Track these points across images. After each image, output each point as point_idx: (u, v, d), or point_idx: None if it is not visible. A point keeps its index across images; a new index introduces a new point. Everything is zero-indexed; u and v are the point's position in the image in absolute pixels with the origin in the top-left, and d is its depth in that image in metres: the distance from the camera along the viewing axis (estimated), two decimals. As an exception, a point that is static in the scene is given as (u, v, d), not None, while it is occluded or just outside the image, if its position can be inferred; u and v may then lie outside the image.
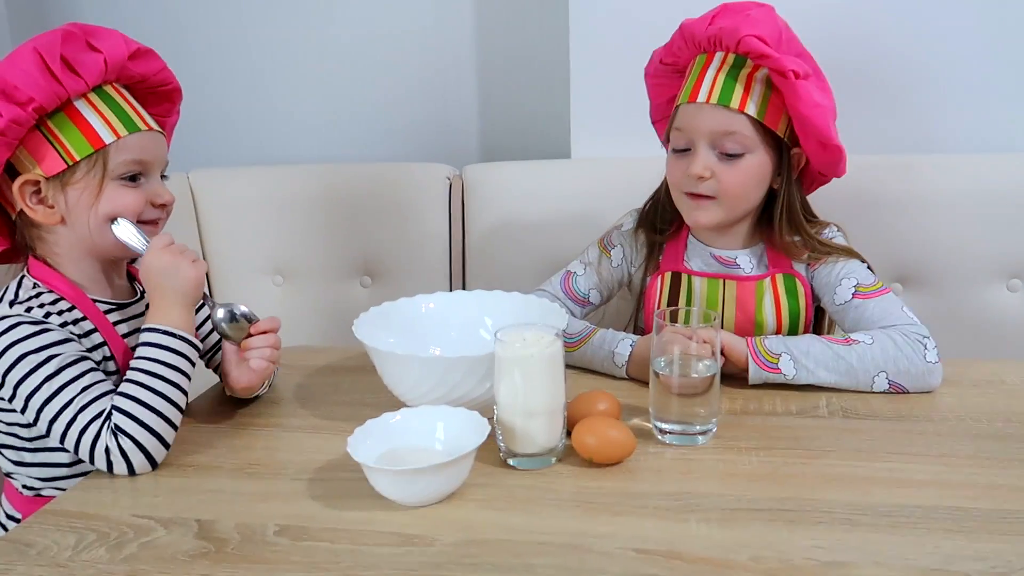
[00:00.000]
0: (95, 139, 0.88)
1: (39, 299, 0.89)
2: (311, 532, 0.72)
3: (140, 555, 0.70)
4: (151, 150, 0.93)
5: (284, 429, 0.94)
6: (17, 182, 0.87)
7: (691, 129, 1.01)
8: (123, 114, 0.90)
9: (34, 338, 0.84)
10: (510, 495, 0.78)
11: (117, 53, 0.89)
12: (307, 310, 1.59)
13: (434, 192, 1.54)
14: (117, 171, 0.90)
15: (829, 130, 0.98)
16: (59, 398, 0.83)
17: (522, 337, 0.82)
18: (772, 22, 0.98)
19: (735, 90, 0.98)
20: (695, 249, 1.10)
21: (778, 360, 0.96)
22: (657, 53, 1.07)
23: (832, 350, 0.96)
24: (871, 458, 0.82)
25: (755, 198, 1.04)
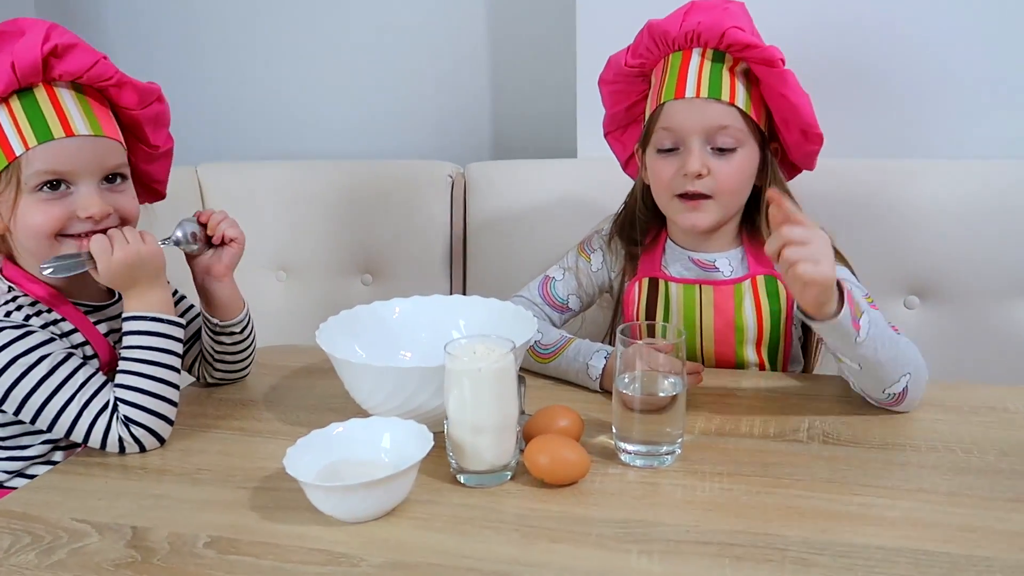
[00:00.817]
0: (7, 150, 0.84)
1: (16, 302, 0.89)
2: (240, 545, 0.71)
3: (67, 562, 0.69)
4: (74, 158, 0.86)
5: (244, 433, 0.93)
6: None
7: (681, 126, 0.97)
8: (40, 120, 0.84)
9: (19, 342, 0.85)
10: (452, 514, 0.75)
11: (28, 55, 0.83)
12: (309, 306, 1.58)
13: (436, 189, 1.52)
14: (29, 183, 0.85)
15: (814, 117, 0.95)
16: (59, 396, 0.84)
17: (472, 350, 0.80)
18: (746, 15, 0.96)
19: (723, 83, 0.95)
20: (673, 254, 1.06)
21: (862, 316, 0.83)
22: (617, 57, 1.03)
23: (889, 332, 0.87)
24: (840, 490, 0.77)
25: (746, 194, 1.00)
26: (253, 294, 1.60)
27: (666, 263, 1.06)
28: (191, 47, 1.78)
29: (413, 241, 1.53)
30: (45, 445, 0.92)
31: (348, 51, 1.71)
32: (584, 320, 1.17)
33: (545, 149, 1.63)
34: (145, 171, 0.99)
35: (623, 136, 1.10)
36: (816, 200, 1.21)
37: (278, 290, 1.62)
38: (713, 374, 1.03)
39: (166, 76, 1.77)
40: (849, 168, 1.30)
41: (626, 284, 1.07)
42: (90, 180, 0.88)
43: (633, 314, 1.06)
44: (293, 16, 1.72)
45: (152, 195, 1.05)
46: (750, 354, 1.04)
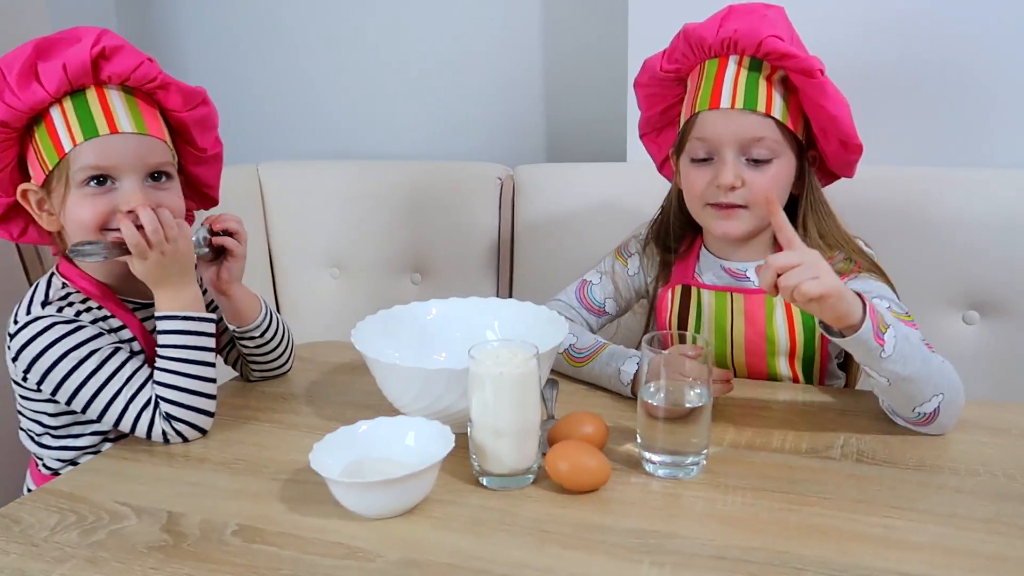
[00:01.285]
0: (59, 147, 0.88)
1: (68, 299, 0.93)
2: (265, 535, 0.74)
3: (105, 542, 0.73)
4: (116, 154, 0.89)
5: (282, 426, 0.96)
6: (18, 191, 0.92)
7: (716, 137, 0.95)
8: (88, 118, 0.88)
9: (71, 336, 0.89)
10: (469, 515, 0.76)
11: (78, 57, 0.87)
12: (359, 303, 1.62)
13: (485, 191, 1.54)
14: (76, 178, 0.89)
15: (853, 127, 0.93)
16: (107, 389, 0.89)
17: (496, 354, 0.80)
18: (785, 22, 0.93)
19: (759, 93, 0.93)
20: (707, 262, 1.05)
21: (887, 331, 0.80)
22: (652, 61, 1.02)
23: (922, 349, 0.84)
24: (868, 511, 0.75)
25: (782, 205, 0.97)
26: (306, 290, 1.67)
27: (699, 271, 1.05)
28: (259, 50, 1.84)
29: (461, 242, 1.55)
30: (95, 436, 0.97)
31: (405, 54, 1.74)
32: (619, 326, 1.16)
33: (596, 153, 1.63)
34: (195, 174, 1.03)
35: (658, 138, 1.09)
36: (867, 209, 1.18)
37: (331, 287, 1.66)
38: (748, 385, 1.02)
39: (234, 76, 1.86)
40: (904, 177, 1.25)
41: (659, 290, 1.07)
42: (134, 176, 0.91)
43: (665, 321, 1.05)
44: (353, 21, 1.76)
45: (206, 201, 1.09)
46: (783, 367, 1.02)
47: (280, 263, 1.68)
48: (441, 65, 1.72)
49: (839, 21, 1.27)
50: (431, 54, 1.72)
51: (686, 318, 1.03)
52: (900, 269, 1.02)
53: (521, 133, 1.71)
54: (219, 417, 0.97)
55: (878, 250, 1.04)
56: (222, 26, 1.86)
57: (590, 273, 1.13)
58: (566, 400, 1.00)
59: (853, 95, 0.96)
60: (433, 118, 1.76)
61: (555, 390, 1.01)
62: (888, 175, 1.25)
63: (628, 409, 0.97)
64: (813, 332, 0.99)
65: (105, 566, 0.70)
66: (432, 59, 1.73)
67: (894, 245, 1.20)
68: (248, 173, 1.66)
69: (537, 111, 1.69)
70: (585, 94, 1.64)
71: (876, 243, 1.06)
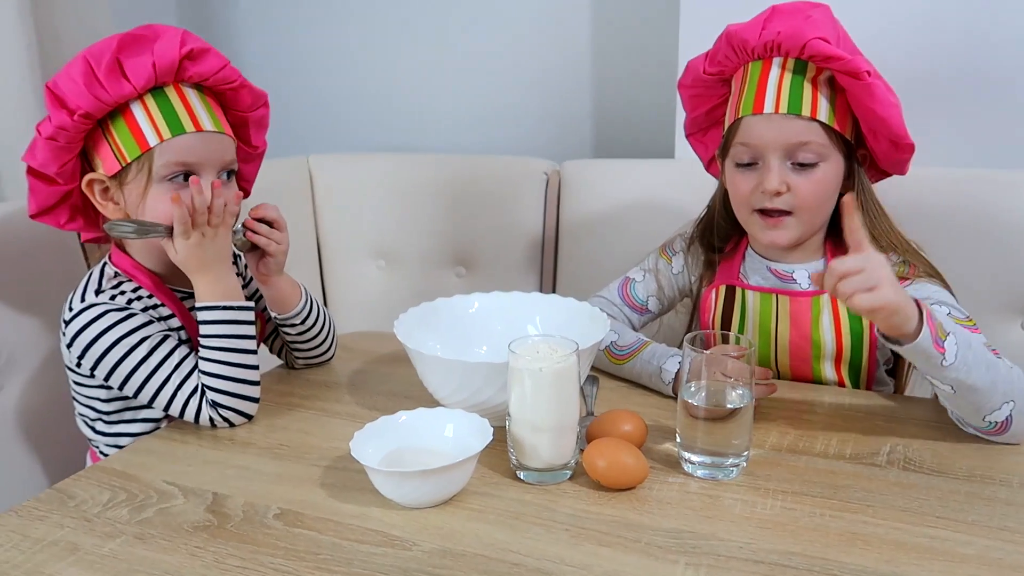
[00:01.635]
0: (142, 141, 0.91)
1: (120, 287, 0.96)
2: (305, 520, 0.75)
3: (153, 519, 0.76)
4: (199, 151, 0.93)
5: (325, 414, 0.98)
6: (84, 180, 0.94)
7: (760, 142, 0.94)
8: (173, 116, 0.91)
9: (123, 323, 0.92)
10: (506, 509, 0.77)
11: (167, 56, 0.90)
12: (405, 296, 1.62)
13: (532, 186, 1.54)
14: (160, 173, 0.92)
15: (903, 127, 0.90)
16: (156, 376, 0.92)
17: (536, 349, 0.81)
18: (831, 22, 0.90)
19: (804, 97, 0.91)
20: (753, 263, 1.03)
21: (947, 339, 0.79)
22: (695, 63, 1.00)
23: (986, 356, 0.81)
24: (913, 520, 0.73)
25: (830, 207, 0.96)
26: (353, 281, 1.69)
27: (745, 271, 1.03)
28: (312, 44, 1.87)
29: (507, 236, 1.55)
30: (146, 423, 0.99)
31: (456, 49, 1.75)
32: (661, 324, 1.15)
33: (643, 149, 1.62)
34: (240, 170, 1.06)
35: (704, 138, 1.08)
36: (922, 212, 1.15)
37: (377, 278, 1.68)
38: (794, 387, 1.00)
39: (287, 70, 1.89)
40: (960, 179, 1.21)
41: (703, 290, 1.05)
42: (211, 173, 0.94)
43: (709, 321, 1.04)
44: (405, 15, 1.77)
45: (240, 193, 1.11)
46: (828, 371, 1.00)
47: (328, 254, 1.71)
48: (490, 59, 1.73)
49: (893, 16, 1.23)
50: (481, 48, 1.73)
51: (730, 319, 1.02)
52: (956, 274, 1.00)
53: (568, 128, 1.71)
54: (264, 403, 0.99)
55: (933, 253, 1.01)
56: (277, 20, 1.89)
57: (633, 270, 1.12)
58: (606, 397, 1.00)
59: (907, 93, 0.94)
60: (481, 112, 1.77)
61: (595, 387, 1.00)
62: (944, 176, 1.21)
63: (668, 408, 0.96)
64: (861, 337, 0.96)
65: (152, 543, 0.72)
66: (481, 53, 1.73)
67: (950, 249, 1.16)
68: (299, 165, 1.69)
69: (585, 106, 1.68)
70: (634, 89, 1.63)
71: (931, 247, 1.03)
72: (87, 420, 1.01)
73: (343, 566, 0.68)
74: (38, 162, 0.91)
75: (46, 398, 1.14)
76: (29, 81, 1.33)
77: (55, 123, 0.89)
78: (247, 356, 0.94)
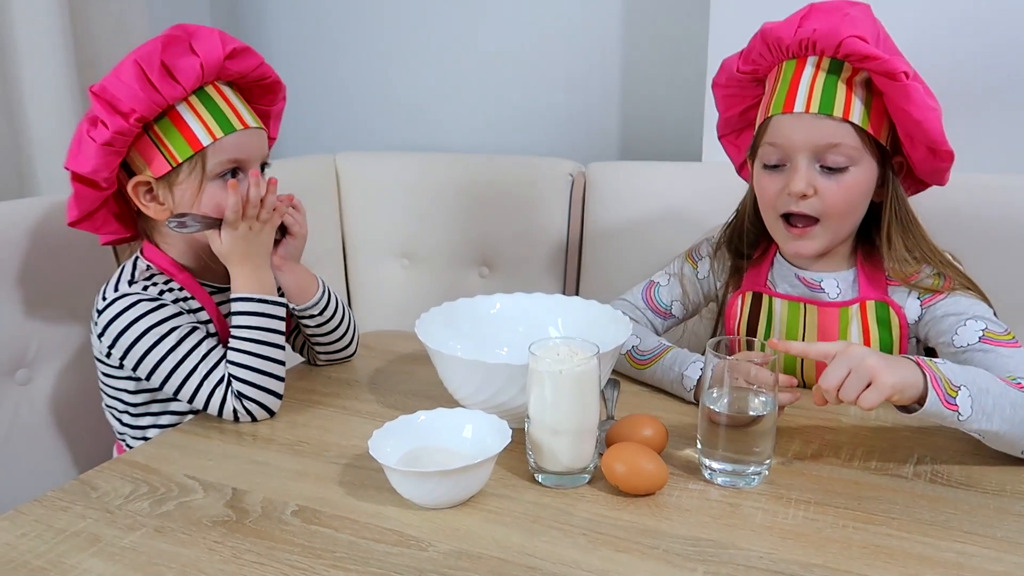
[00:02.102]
0: (194, 141, 0.93)
1: (152, 279, 0.98)
2: (322, 517, 0.75)
3: (173, 513, 0.77)
4: (247, 147, 0.96)
5: (345, 412, 0.98)
6: (131, 184, 0.95)
7: (788, 142, 0.91)
8: (221, 115, 0.94)
9: (153, 313, 0.93)
10: (523, 511, 0.76)
11: (213, 56, 0.92)
12: (427, 294, 1.64)
13: (557, 187, 1.53)
14: (214, 171, 0.94)
15: (942, 133, 0.87)
16: (183, 367, 0.93)
17: (556, 352, 0.80)
18: (871, 21, 0.88)
19: (836, 97, 0.89)
20: (781, 269, 1.01)
21: (957, 395, 0.78)
22: (729, 62, 0.99)
23: (1008, 395, 0.80)
24: (940, 534, 0.72)
25: (860, 215, 0.94)
26: (376, 279, 1.70)
27: (773, 278, 1.01)
28: (340, 43, 1.89)
29: (531, 237, 1.54)
30: (171, 416, 1.01)
31: (484, 49, 1.75)
32: (686, 330, 1.14)
33: (670, 152, 1.60)
34: None
35: (737, 140, 1.06)
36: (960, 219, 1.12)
37: (400, 277, 1.69)
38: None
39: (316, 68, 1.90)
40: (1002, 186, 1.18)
41: (729, 296, 1.04)
42: (254, 166, 0.98)
43: (734, 328, 1.02)
44: (433, 14, 1.78)
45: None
46: (855, 383, 0.98)
47: (352, 252, 1.72)
48: (518, 59, 1.73)
49: (936, 18, 1.20)
50: (509, 48, 1.73)
51: (755, 326, 1.00)
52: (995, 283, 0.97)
53: (595, 129, 1.70)
54: (286, 400, 0.99)
55: (970, 262, 0.99)
56: (306, 18, 1.91)
57: (658, 274, 1.11)
58: (627, 401, 0.99)
59: (949, 98, 0.91)
60: (508, 113, 1.77)
61: (616, 391, 1.00)
62: (985, 184, 1.18)
63: (689, 413, 0.95)
64: (889, 349, 0.94)
65: (172, 536, 0.73)
66: (510, 53, 1.73)
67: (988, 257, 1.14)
68: (326, 163, 1.70)
69: (612, 108, 1.67)
70: (662, 91, 1.62)
71: (968, 255, 1.00)
72: (114, 412, 1.02)
73: (359, 564, 0.68)
74: (89, 168, 0.91)
75: (75, 390, 1.16)
76: (65, 81, 1.35)
77: (113, 128, 0.89)
78: (276, 351, 0.95)
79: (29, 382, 1.12)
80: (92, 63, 1.43)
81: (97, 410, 1.05)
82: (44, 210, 1.13)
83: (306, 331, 1.09)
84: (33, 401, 1.13)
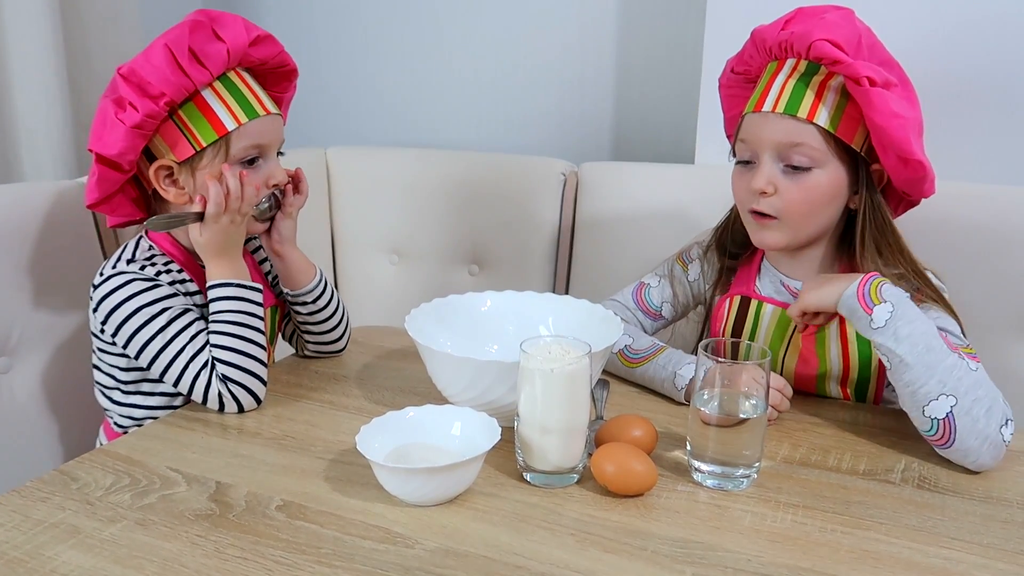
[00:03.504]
0: (219, 126, 0.93)
1: (152, 260, 0.98)
2: (307, 513, 0.74)
3: (156, 506, 0.75)
4: (268, 133, 0.97)
5: (332, 407, 0.97)
6: (153, 167, 0.95)
7: (755, 140, 0.93)
8: (244, 101, 0.95)
9: (146, 293, 0.94)
10: (511, 510, 0.76)
11: (239, 41, 0.93)
12: (416, 291, 1.63)
13: (549, 187, 1.52)
14: (237, 156, 0.95)
15: (909, 143, 0.86)
16: (170, 348, 0.93)
17: (548, 350, 0.80)
18: (849, 26, 0.88)
19: (804, 98, 0.89)
20: (767, 273, 1.01)
21: (879, 304, 0.83)
22: (730, 62, 0.99)
23: (936, 341, 0.82)
24: (927, 540, 0.72)
25: (824, 218, 0.93)
26: (365, 274, 1.69)
27: (760, 283, 1.01)
28: (334, 37, 1.87)
29: (522, 236, 1.54)
30: (162, 397, 1.00)
31: (479, 47, 1.74)
32: (674, 332, 1.14)
33: (663, 153, 1.60)
34: None
35: None
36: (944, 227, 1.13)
37: (390, 272, 1.67)
38: (809, 400, 0.98)
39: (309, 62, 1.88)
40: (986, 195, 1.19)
41: (717, 299, 1.04)
42: (273, 152, 0.99)
43: (720, 330, 1.02)
44: (427, 10, 1.77)
45: None
46: (833, 390, 0.98)
47: (342, 247, 1.70)
48: (512, 58, 1.72)
49: (924, 27, 1.21)
50: (504, 46, 1.72)
51: (741, 330, 1.00)
52: (976, 290, 0.97)
53: (588, 129, 1.69)
54: (272, 393, 0.98)
55: (953, 270, 0.99)
56: (299, 13, 1.89)
57: (649, 275, 1.11)
58: (616, 402, 0.99)
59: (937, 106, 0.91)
60: (501, 111, 1.76)
61: (606, 391, 0.99)
62: (970, 192, 1.19)
63: (678, 414, 0.95)
64: (868, 357, 0.95)
65: (153, 529, 0.72)
66: (504, 51, 1.72)
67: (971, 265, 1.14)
68: (316, 156, 1.69)
69: (606, 108, 1.67)
70: (656, 93, 1.61)
71: (951, 263, 1.00)
72: (104, 389, 1.02)
73: (344, 561, 0.68)
74: (116, 150, 0.91)
75: (57, 379, 1.14)
76: (53, 69, 1.33)
77: (144, 111, 0.89)
78: (256, 334, 0.95)
79: (10, 370, 1.11)
80: (82, 51, 1.41)
81: (79, 400, 1.04)
82: (26, 197, 1.11)
83: (297, 318, 1.08)
84: (13, 390, 1.11)
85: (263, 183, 0.98)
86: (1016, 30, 1.18)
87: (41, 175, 1.34)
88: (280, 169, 0.99)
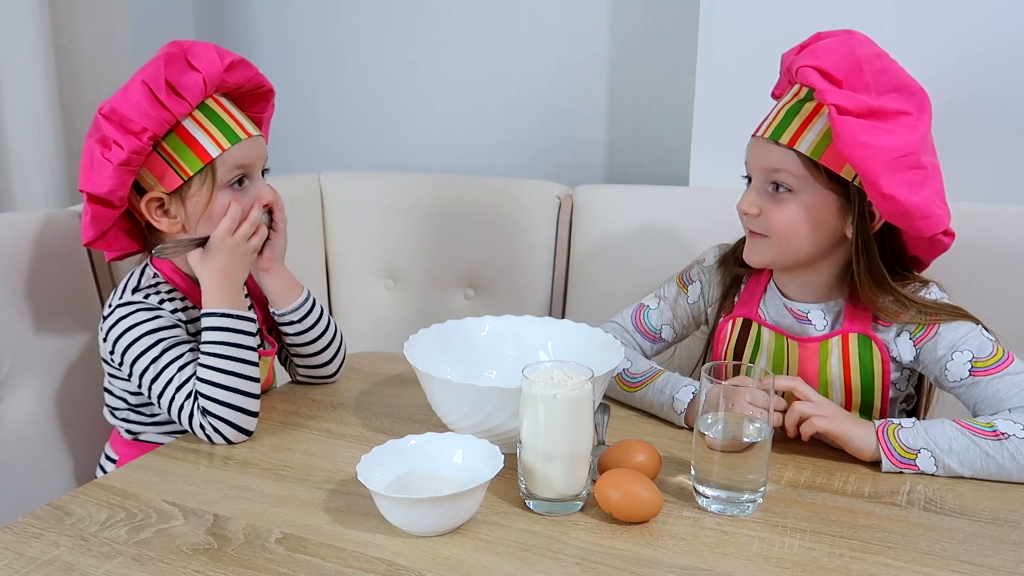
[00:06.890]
0: (203, 154, 0.94)
1: (156, 288, 0.99)
2: (308, 545, 0.73)
3: (152, 541, 0.74)
4: (251, 155, 0.98)
5: (329, 435, 0.96)
6: (144, 200, 0.96)
7: (749, 163, 0.96)
8: (225, 127, 0.96)
9: (147, 322, 0.95)
10: (515, 539, 0.74)
11: (214, 69, 0.94)
12: (412, 316, 1.62)
13: (544, 210, 1.52)
14: (224, 180, 0.96)
15: (875, 174, 0.83)
16: (162, 377, 0.93)
17: (550, 375, 0.79)
18: (847, 52, 0.87)
19: (790, 125, 0.90)
20: (772, 297, 1.01)
21: (916, 457, 0.85)
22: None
23: (979, 446, 0.84)
24: (936, 564, 0.71)
25: (810, 243, 0.93)
26: (360, 300, 1.68)
27: (764, 307, 1.01)
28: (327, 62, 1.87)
29: (517, 259, 1.53)
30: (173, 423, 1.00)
31: (472, 70, 1.75)
32: (676, 353, 1.14)
33: (657, 176, 1.61)
34: None
35: None
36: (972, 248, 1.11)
37: (384, 298, 1.66)
38: (810, 422, 0.98)
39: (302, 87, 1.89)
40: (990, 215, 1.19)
41: (720, 320, 1.03)
42: (258, 172, 1.00)
43: (722, 352, 1.02)
44: (418, 36, 1.77)
45: None
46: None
47: (336, 272, 1.69)
48: (506, 81, 1.72)
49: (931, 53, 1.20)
50: (497, 70, 1.73)
51: (742, 352, 1.00)
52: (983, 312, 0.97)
53: (582, 153, 1.70)
54: (268, 422, 0.97)
55: (959, 290, 0.99)
56: (291, 38, 1.90)
57: (648, 297, 1.11)
58: (617, 426, 0.98)
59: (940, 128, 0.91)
60: (495, 134, 1.76)
61: (607, 415, 0.98)
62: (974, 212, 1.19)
63: (681, 439, 0.94)
64: (871, 383, 0.94)
65: (151, 565, 0.70)
66: (497, 75, 1.73)
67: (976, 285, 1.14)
68: (310, 182, 1.68)
69: (600, 131, 1.67)
70: (650, 115, 1.62)
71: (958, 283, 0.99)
72: (115, 412, 1.03)
73: (347, 595, 0.66)
74: (106, 188, 0.92)
75: (50, 410, 1.12)
76: (45, 95, 1.32)
77: (129, 148, 0.90)
78: (244, 366, 0.94)
79: (1, 401, 1.09)
80: (74, 77, 1.41)
81: (73, 432, 1.03)
82: (18, 225, 1.10)
83: (285, 339, 1.07)
84: (4, 421, 1.09)
85: (256, 201, 0.99)
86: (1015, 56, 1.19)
87: (33, 203, 1.33)
88: (267, 187, 1.01)
